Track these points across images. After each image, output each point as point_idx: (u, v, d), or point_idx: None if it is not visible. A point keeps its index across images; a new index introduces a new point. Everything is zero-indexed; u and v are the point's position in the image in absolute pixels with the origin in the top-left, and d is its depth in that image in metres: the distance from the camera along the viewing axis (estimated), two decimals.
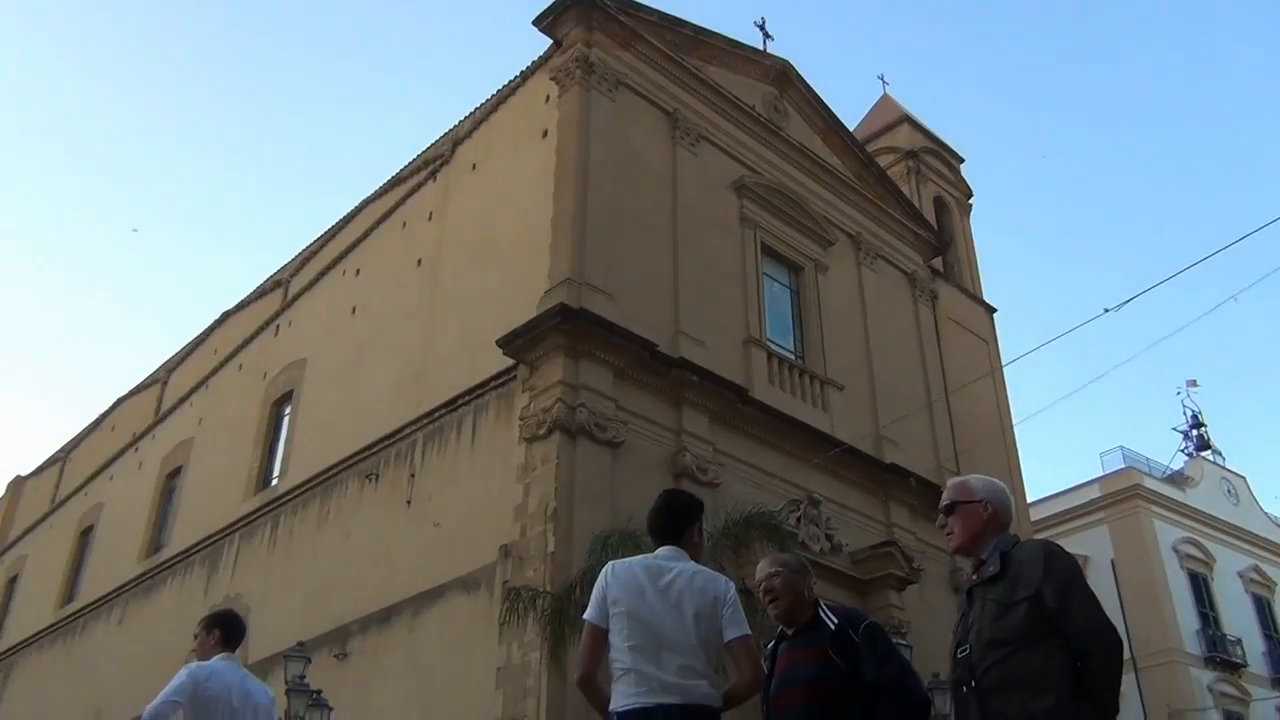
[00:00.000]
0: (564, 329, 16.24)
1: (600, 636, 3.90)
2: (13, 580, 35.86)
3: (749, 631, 3.90)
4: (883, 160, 27.67)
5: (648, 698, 3.68)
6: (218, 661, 5.34)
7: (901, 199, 25.97)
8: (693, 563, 3.96)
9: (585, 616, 4.04)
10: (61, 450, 38.31)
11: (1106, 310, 11.73)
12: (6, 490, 39.72)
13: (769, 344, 20.17)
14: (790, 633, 4.11)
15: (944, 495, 3.81)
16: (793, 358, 20.86)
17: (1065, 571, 3.37)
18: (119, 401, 35.81)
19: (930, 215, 27.49)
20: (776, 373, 19.86)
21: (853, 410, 21.03)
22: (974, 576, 3.61)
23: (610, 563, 4.08)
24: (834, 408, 20.54)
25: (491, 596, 15.36)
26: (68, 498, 34.49)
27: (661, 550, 4.01)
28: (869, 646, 3.88)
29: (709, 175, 20.93)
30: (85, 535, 32.11)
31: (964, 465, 22.95)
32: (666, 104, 20.74)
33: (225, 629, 5.47)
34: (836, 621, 4.01)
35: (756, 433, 18.56)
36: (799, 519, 18.04)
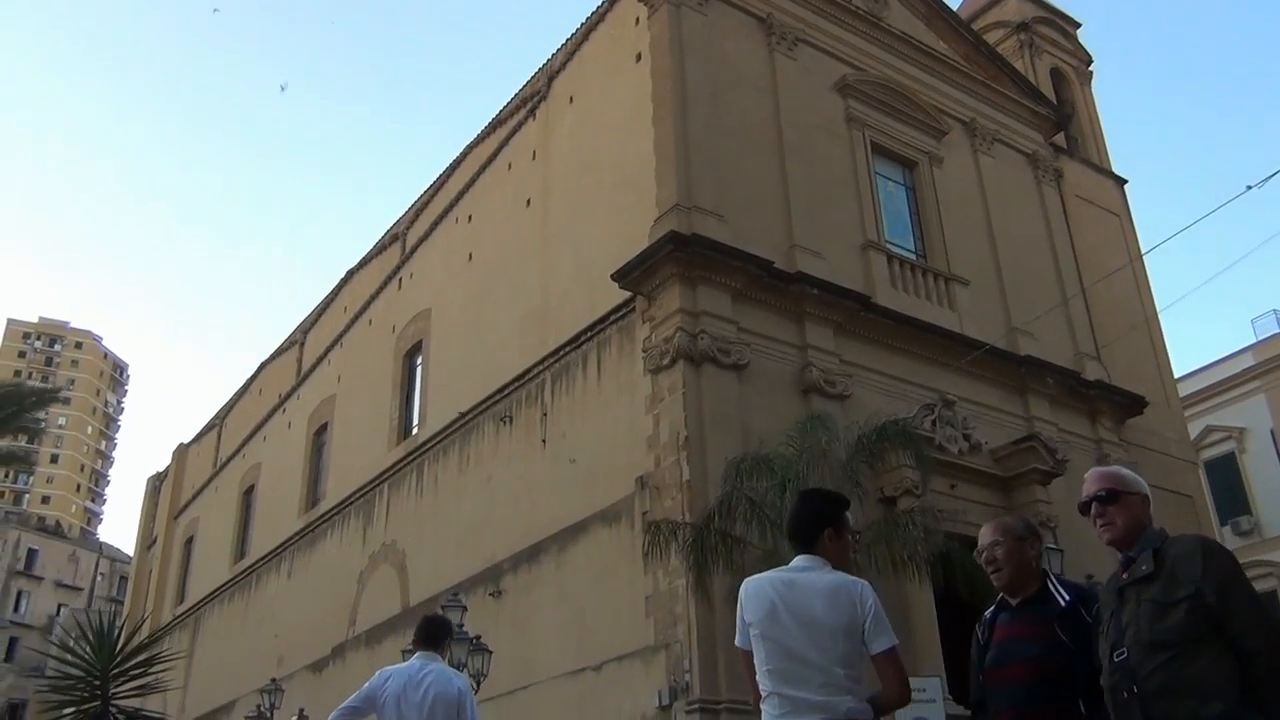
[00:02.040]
0: (677, 256, 16.11)
1: (750, 660, 3.77)
2: (189, 541, 38.32)
3: (894, 641, 3.69)
4: (992, 37, 26.33)
5: (792, 719, 3.58)
6: (411, 661, 5.68)
7: (1016, 76, 24.70)
8: (829, 571, 3.74)
9: (736, 643, 3.90)
10: (217, 416, 40.35)
11: (1250, 188, 10.94)
12: (173, 458, 42.16)
13: (888, 246, 19.64)
14: (1014, 603, 3.85)
15: (1097, 483, 3.58)
16: (914, 257, 20.27)
17: (1225, 568, 3.18)
18: (262, 366, 37.40)
19: (1048, 89, 26.12)
20: (899, 275, 19.35)
21: (982, 305, 20.38)
22: (1124, 575, 3.42)
23: (746, 580, 3.90)
24: (961, 304, 19.95)
25: (633, 528, 15.61)
26: (228, 461, 36.45)
27: (796, 560, 3.82)
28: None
29: (810, 79, 20.27)
30: (248, 495, 33.95)
31: (1104, 353, 22.10)
32: (759, 10, 20.08)
33: (421, 631, 5.94)
34: (1068, 598, 3.79)
35: (883, 339, 18.19)
36: (934, 422, 17.69)
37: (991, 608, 3.97)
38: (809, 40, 20.59)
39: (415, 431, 24.31)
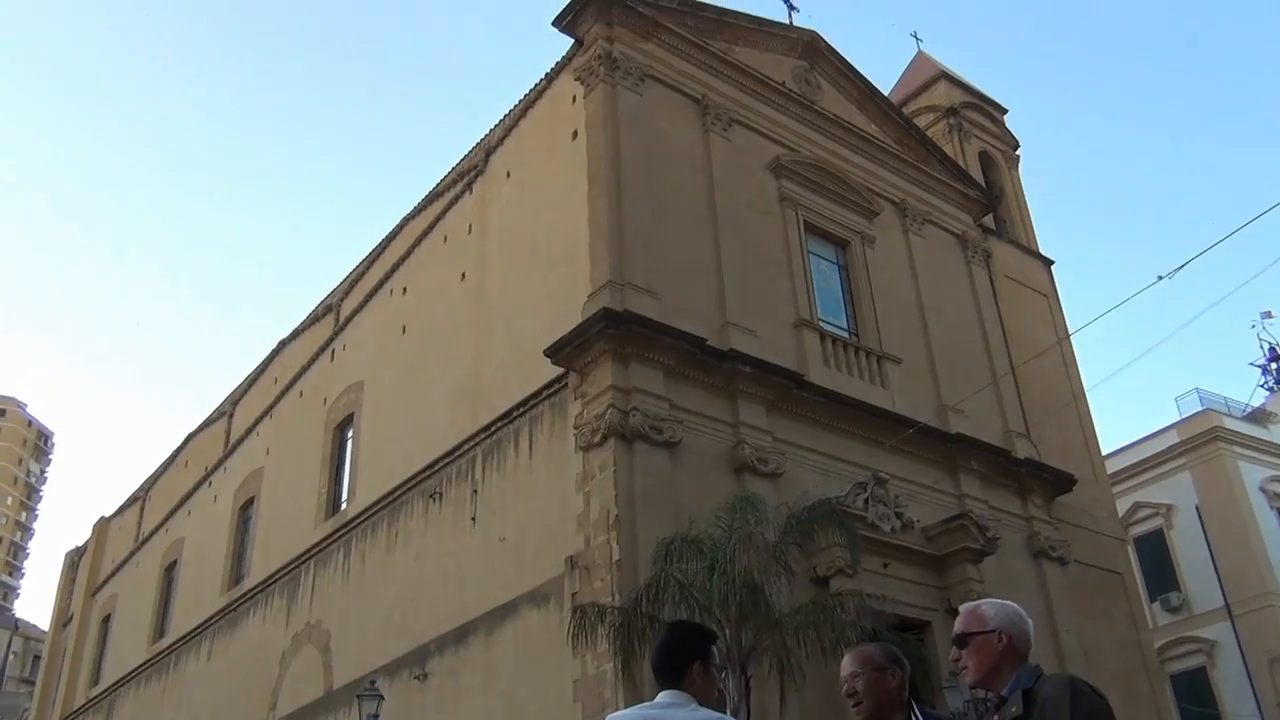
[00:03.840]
0: (610, 333, 16.06)
1: None
2: (106, 619, 36.86)
3: None
4: (922, 121, 27.04)
5: None
6: None
7: (945, 159, 25.34)
8: (696, 709, 3.51)
9: None
10: (141, 488, 39.16)
11: (1160, 278, 11.20)
12: (93, 532, 40.74)
13: (821, 324, 19.81)
14: None
15: (955, 625, 3.55)
16: (847, 336, 20.47)
17: (1093, 712, 3.12)
18: (189, 437, 36.45)
19: (977, 172, 26.83)
20: (831, 353, 19.51)
21: (913, 383, 20.60)
22: (995, 718, 3.36)
23: (608, 717, 3.68)
24: (893, 382, 20.13)
25: (562, 609, 15.27)
26: (150, 535, 35.29)
27: (661, 696, 3.57)
28: None
29: (744, 158, 20.58)
30: (170, 571, 32.83)
31: (1034, 431, 22.41)
32: (694, 91, 20.42)
33: None
34: None
35: (816, 416, 18.25)
36: (866, 500, 17.69)
37: None
38: (743, 121, 20.95)
39: (344, 507, 23.76)
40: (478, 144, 23.42)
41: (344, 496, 24.10)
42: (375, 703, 14.28)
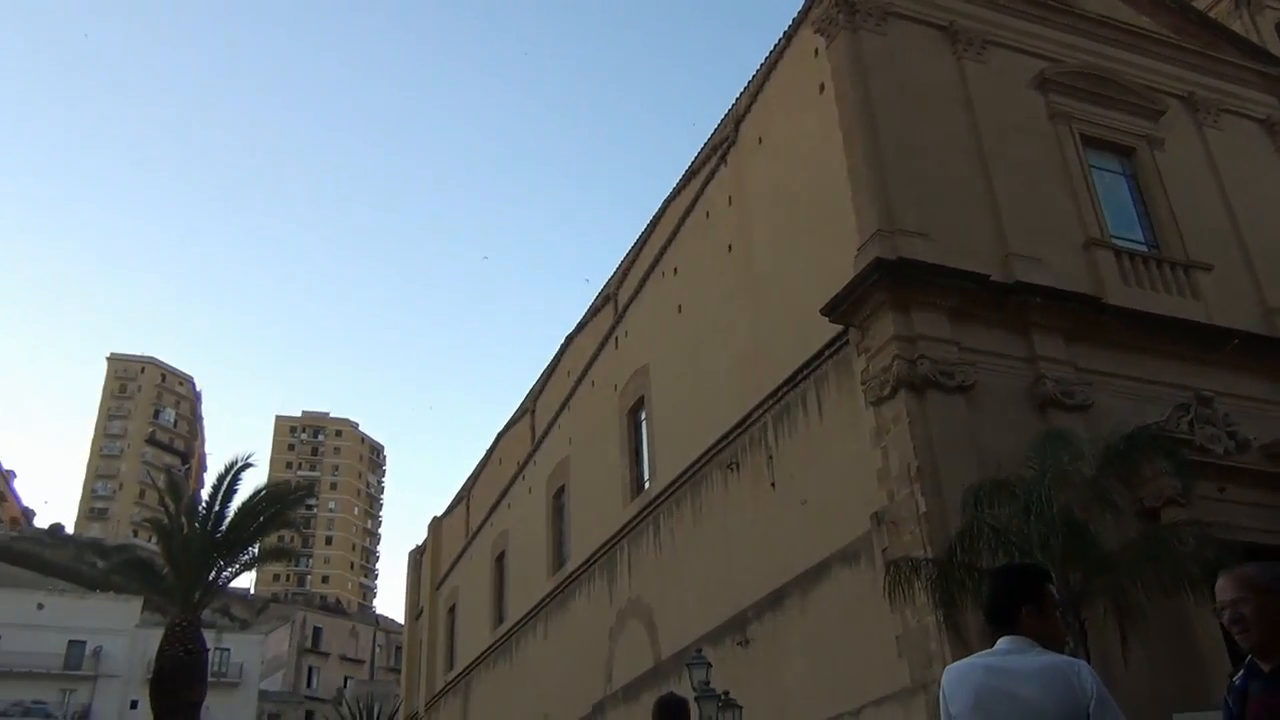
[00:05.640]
0: (885, 283, 15.70)
1: None
2: (451, 609, 40.30)
3: None
4: (1201, 3, 24.48)
5: None
6: None
7: (1234, 39, 22.83)
8: (1039, 653, 3.38)
9: None
10: (464, 488, 42.45)
11: None
12: (429, 532, 44.63)
13: (1115, 241, 18.44)
14: (1266, 669, 3.34)
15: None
16: (1145, 249, 18.93)
17: None
18: (499, 436, 39.10)
19: (1276, 47, 23.98)
20: (1130, 270, 18.11)
21: (1230, 290, 18.76)
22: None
23: (947, 668, 3.61)
24: (1206, 292, 18.43)
25: (874, 566, 15.17)
26: (478, 530, 38.20)
27: (1000, 644, 3.48)
28: None
29: (1004, 80, 19.45)
30: (499, 561, 35.41)
31: None
32: (940, 19, 19.51)
33: (655, 716, 5.88)
34: None
35: (1121, 340, 17.00)
36: (1191, 423, 16.34)
37: (1240, 672, 3.48)
38: (997, 40, 19.79)
39: (647, 486, 24.69)
40: (726, 115, 23.54)
41: (646, 476, 25.03)
42: (704, 670, 14.78)
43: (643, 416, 25.72)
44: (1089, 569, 11.99)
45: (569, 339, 33.05)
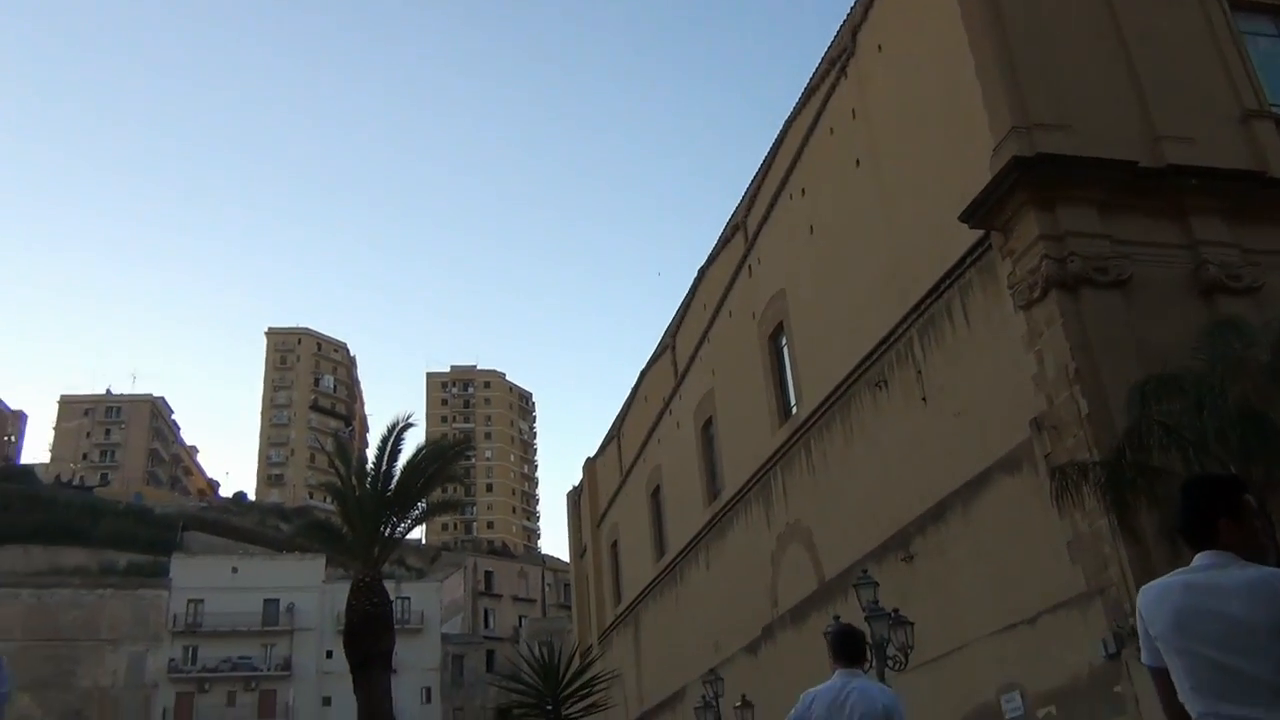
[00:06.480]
0: (1026, 181, 15.10)
1: (1164, 678, 3.28)
2: (614, 545, 41.34)
3: None
4: None
5: None
6: (833, 679, 5.68)
7: None
8: (1242, 566, 3.17)
9: (1142, 660, 3.44)
10: (613, 428, 43.20)
11: None
12: (584, 472, 45.69)
13: (1274, 110, 17.21)
14: None
15: None
16: None
17: None
18: (643, 374, 39.54)
19: None
20: None
21: None
22: None
23: (1143, 588, 3.42)
24: None
25: (1037, 473, 14.84)
26: (630, 468, 38.89)
27: (1197, 559, 3.29)
28: None
29: None
30: (655, 495, 36.04)
31: None
32: None
33: (835, 648, 5.86)
34: None
35: None
36: None
37: None
38: None
39: (795, 411, 24.63)
40: (842, 25, 22.81)
41: (792, 401, 24.96)
42: (872, 589, 14.81)
43: (783, 342, 25.57)
44: (1272, 462, 11.44)
45: (701, 271, 32.99)
